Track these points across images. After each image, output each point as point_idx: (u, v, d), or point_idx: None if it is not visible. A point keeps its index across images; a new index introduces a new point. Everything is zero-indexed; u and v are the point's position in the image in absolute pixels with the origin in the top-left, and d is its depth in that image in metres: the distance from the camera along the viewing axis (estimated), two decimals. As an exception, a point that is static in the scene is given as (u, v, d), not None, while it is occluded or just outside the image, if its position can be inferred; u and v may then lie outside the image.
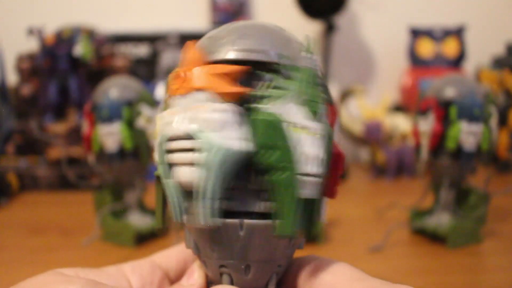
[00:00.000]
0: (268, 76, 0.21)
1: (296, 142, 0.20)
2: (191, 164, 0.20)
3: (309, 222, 0.21)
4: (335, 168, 0.22)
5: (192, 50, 0.21)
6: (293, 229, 0.20)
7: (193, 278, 0.24)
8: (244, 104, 0.20)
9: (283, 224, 0.20)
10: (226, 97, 0.20)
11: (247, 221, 0.21)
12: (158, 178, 0.22)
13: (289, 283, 0.23)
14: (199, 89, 0.20)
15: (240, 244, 0.21)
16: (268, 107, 0.20)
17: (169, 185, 0.21)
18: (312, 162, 0.20)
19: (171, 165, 0.21)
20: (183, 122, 0.20)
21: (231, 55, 0.21)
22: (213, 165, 0.19)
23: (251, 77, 0.21)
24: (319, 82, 0.22)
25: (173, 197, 0.21)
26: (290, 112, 0.20)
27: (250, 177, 0.20)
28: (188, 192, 0.20)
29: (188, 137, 0.20)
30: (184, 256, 0.26)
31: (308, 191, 0.20)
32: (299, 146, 0.20)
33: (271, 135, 0.20)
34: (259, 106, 0.20)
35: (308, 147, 0.20)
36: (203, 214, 0.20)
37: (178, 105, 0.21)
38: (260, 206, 0.21)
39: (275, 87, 0.20)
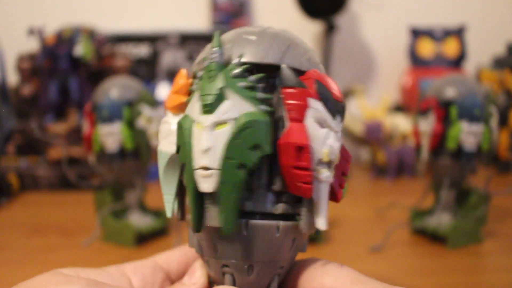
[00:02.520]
0: (194, 81, 0.23)
1: (194, 137, 0.21)
2: None
3: (221, 217, 0.20)
4: (284, 159, 0.20)
5: (176, 77, 0.24)
6: (196, 226, 0.21)
7: (195, 277, 0.24)
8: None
9: (192, 220, 0.21)
10: (175, 109, 0.23)
11: (251, 221, 0.21)
12: None
13: (290, 285, 0.23)
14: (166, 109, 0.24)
15: (244, 244, 0.21)
16: (188, 109, 0.22)
17: None
18: (202, 155, 0.20)
19: None
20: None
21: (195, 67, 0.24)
22: (160, 167, 0.24)
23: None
24: (234, 73, 0.21)
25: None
26: (194, 109, 0.21)
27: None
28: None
29: None
30: (186, 258, 0.26)
31: (204, 184, 0.20)
32: (195, 141, 0.21)
33: (180, 136, 0.22)
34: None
35: (198, 141, 0.21)
36: (166, 208, 0.24)
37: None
38: (264, 206, 0.21)
39: (192, 90, 0.23)
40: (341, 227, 0.56)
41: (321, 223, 0.21)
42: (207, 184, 0.20)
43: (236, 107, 0.20)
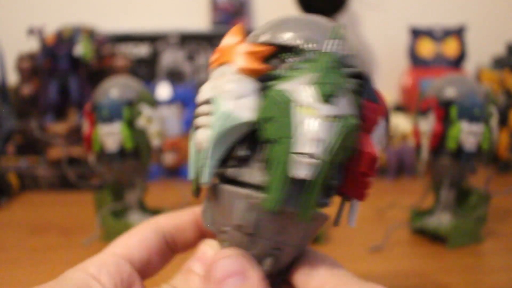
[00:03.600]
0: (290, 58, 0.22)
1: (298, 120, 0.20)
2: (204, 126, 0.22)
3: (303, 205, 0.21)
4: (357, 165, 0.22)
5: (232, 30, 0.23)
6: (276, 205, 0.20)
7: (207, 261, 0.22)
8: (264, 81, 0.22)
9: (268, 198, 0.20)
10: (248, 72, 0.22)
11: (242, 191, 0.21)
12: None
13: (288, 276, 0.23)
14: (226, 63, 0.22)
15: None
16: (280, 85, 0.21)
17: (191, 147, 0.23)
18: (311, 142, 0.20)
19: (196, 129, 0.23)
20: (207, 90, 0.22)
21: (261, 38, 0.22)
22: (216, 128, 0.21)
23: (277, 59, 0.22)
24: (345, 70, 0.22)
25: (191, 156, 0.23)
26: (299, 91, 0.21)
27: (256, 148, 0.21)
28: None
29: (206, 102, 0.22)
30: (146, 244, 0.25)
31: (302, 171, 0.20)
32: (300, 124, 0.20)
33: (272, 109, 0.21)
34: (271, 84, 0.21)
35: (309, 127, 0.20)
36: (203, 172, 0.21)
37: (211, 77, 0.23)
38: (262, 178, 0.21)
39: (293, 69, 0.21)
40: (341, 227, 0.56)
41: (353, 221, 0.24)
42: (306, 171, 0.20)
43: (348, 106, 0.21)
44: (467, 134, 0.48)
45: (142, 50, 0.97)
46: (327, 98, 0.20)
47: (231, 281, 0.20)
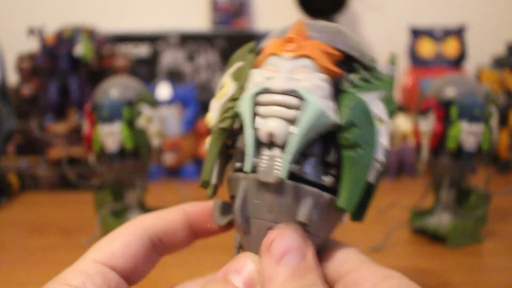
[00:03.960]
0: (361, 71, 0.23)
1: (376, 129, 0.22)
2: (281, 118, 0.21)
3: (361, 206, 0.22)
4: None
5: (300, 24, 0.23)
6: (354, 206, 0.22)
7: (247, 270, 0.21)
8: (336, 84, 0.23)
9: (345, 199, 0.21)
10: (326, 71, 0.22)
11: (313, 189, 0.22)
12: (217, 131, 0.24)
13: None
14: (306, 56, 0.22)
15: (283, 204, 0.22)
16: (356, 93, 0.22)
17: (249, 134, 0.22)
18: (382, 151, 0.22)
19: (255, 116, 0.22)
20: (289, 80, 0.22)
21: (338, 45, 0.23)
22: (306, 125, 0.21)
23: (345, 66, 0.23)
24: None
25: (250, 147, 0.22)
26: (373, 103, 0.22)
27: (328, 149, 0.22)
28: (263, 144, 0.22)
29: (290, 94, 0.21)
30: (131, 249, 0.23)
31: (372, 176, 0.22)
32: (377, 134, 0.22)
33: (357, 115, 0.22)
34: (348, 90, 0.22)
35: (382, 138, 0.22)
36: (275, 167, 0.21)
37: (278, 65, 0.22)
38: (326, 179, 0.22)
39: (364, 80, 0.23)
40: (341, 227, 0.56)
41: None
42: (373, 176, 0.22)
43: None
44: (467, 134, 0.48)
45: (142, 50, 0.97)
46: (391, 115, 0.23)
47: (290, 256, 0.20)
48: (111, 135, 0.51)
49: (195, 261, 0.46)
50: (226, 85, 0.25)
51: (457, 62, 0.97)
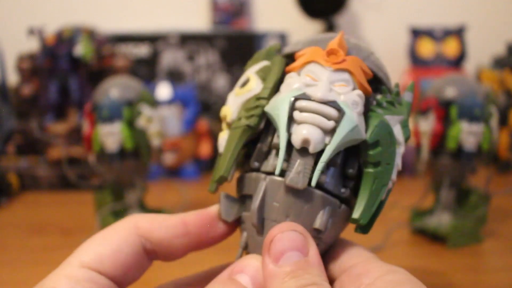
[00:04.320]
0: (387, 93, 0.24)
1: (395, 151, 0.23)
2: (318, 126, 0.22)
3: (372, 219, 0.23)
4: None
5: (343, 37, 0.24)
6: (367, 220, 0.22)
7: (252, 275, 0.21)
8: (366, 102, 0.23)
9: (363, 212, 0.22)
10: (361, 88, 0.23)
11: (333, 199, 0.22)
12: (241, 127, 0.24)
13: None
14: (347, 71, 0.23)
15: (302, 210, 0.22)
16: (382, 114, 0.23)
17: (284, 137, 0.22)
18: (396, 172, 0.24)
19: (291, 120, 0.22)
20: (330, 91, 0.22)
21: (370, 64, 0.24)
22: (342, 137, 0.21)
23: (372, 86, 0.24)
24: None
25: (282, 150, 0.22)
26: (395, 126, 0.24)
27: (349, 162, 0.23)
28: (294, 149, 0.22)
29: (331, 105, 0.22)
30: (122, 255, 0.22)
31: (385, 193, 0.23)
32: (395, 155, 0.23)
33: (383, 135, 0.23)
34: (375, 110, 0.23)
35: (398, 159, 0.24)
36: (305, 174, 0.21)
37: (319, 74, 0.23)
38: (344, 191, 0.23)
39: (389, 103, 0.24)
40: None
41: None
42: (386, 194, 0.24)
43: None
44: (467, 134, 0.48)
45: (142, 50, 0.97)
46: (407, 139, 0.25)
47: (290, 255, 0.20)
48: (111, 135, 0.51)
49: (195, 261, 0.46)
50: (250, 82, 0.25)
51: (457, 62, 0.97)
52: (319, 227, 0.22)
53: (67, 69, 0.79)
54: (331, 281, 0.22)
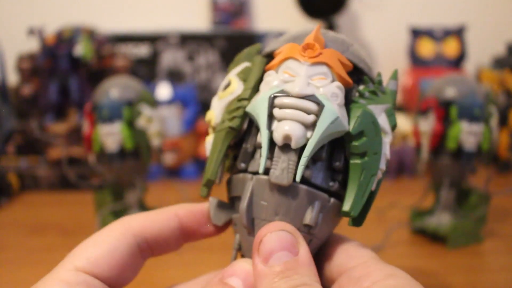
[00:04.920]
0: (369, 83, 0.24)
1: (382, 140, 0.23)
2: (299, 121, 0.21)
3: (363, 212, 0.23)
4: None
5: (319, 31, 0.24)
6: (357, 212, 0.22)
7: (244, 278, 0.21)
8: (347, 93, 0.23)
9: (352, 204, 0.22)
10: (341, 80, 0.23)
11: (322, 194, 0.22)
12: (224, 130, 0.24)
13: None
14: (325, 64, 0.23)
15: (289, 206, 0.22)
16: (364, 104, 0.23)
17: (265, 136, 0.22)
18: (385, 161, 0.23)
19: (271, 118, 0.22)
20: (308, 85, 0.22)
21: (350, 56, 0.24)
22: (323, 131, 0.21)
23: (353, 77, 0.24)
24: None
25: (265, 148, 0.22)
26: (379, 116, 0.23)
27: (334, 155, 0.23)
28: (276, 146, 0.22)
29: (309, 99, 0.22)
30: (116, 256, 0.22)
31: (374, 184, 0.23)
32: (381, 144, 0.23)
33: (367, 125, 0.22)
34: (358, 100, 0.23)
35: (385, 148, 0.23)
36: (289, 170, 0.21)
37: (297, 69, 0.23)
38: (332, 185, 0.23)
39: (372, 93, 0.24)
40: (340, 227, 0.56)
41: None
42: (375, 184, 0.23)
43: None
44: (467, 134, 0.48)
45: (142, 50, 0.97)
46: (393, 128, 0.24)
47: (279, 255, 0.20)
48: (111, 135, 0.51)
49: (195, 261, 0.46)
50: (232, 84, 0.25)
51: (457, 62, 0.97)
52: (309, 222, 0.22)
53: (67, 69, 0.79)
54: (330, 282, 0.22)
